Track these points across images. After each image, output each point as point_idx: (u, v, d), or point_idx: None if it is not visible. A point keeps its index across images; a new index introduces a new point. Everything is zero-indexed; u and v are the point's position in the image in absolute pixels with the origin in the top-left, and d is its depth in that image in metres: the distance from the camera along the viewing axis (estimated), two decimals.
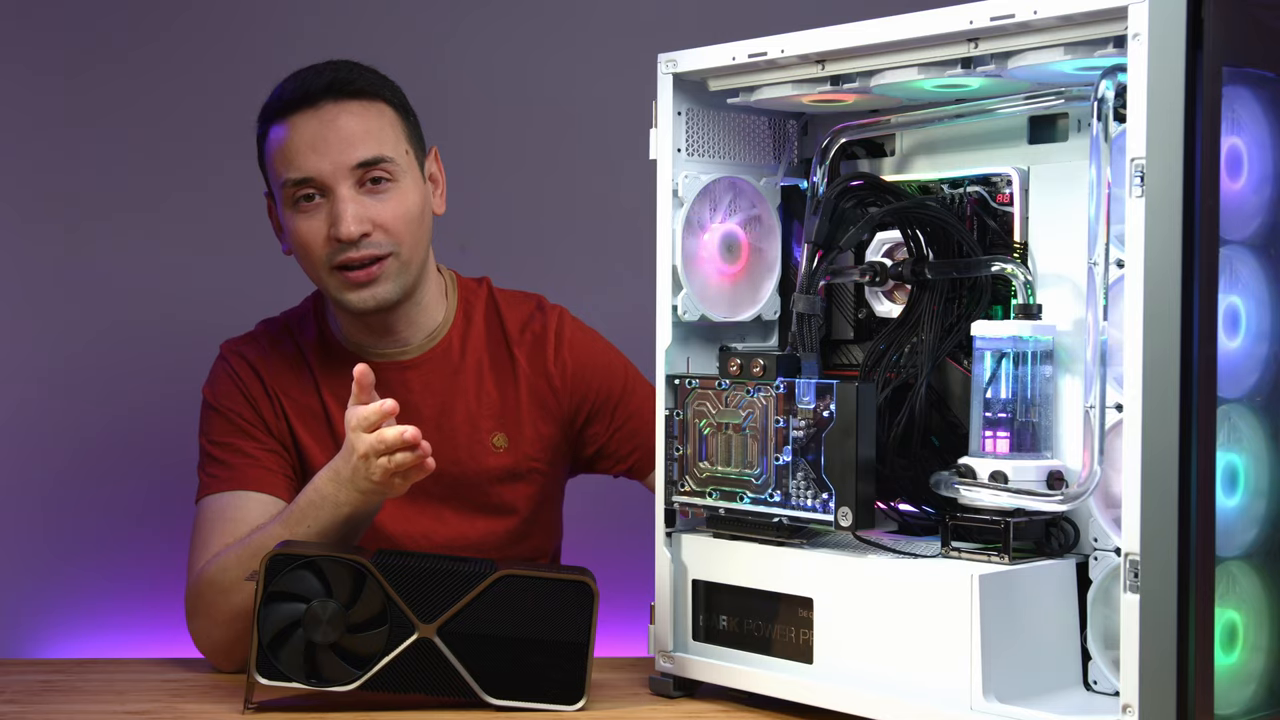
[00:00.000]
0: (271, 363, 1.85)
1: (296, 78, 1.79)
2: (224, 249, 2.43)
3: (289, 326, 1.90)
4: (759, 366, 1.53)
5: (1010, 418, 1.43)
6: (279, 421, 1.83)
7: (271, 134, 1.78)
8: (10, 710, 1.53)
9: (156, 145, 2.44)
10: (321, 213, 1.76)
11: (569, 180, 2.53)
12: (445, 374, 1.87)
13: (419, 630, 1.49)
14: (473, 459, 1.86)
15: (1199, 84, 1.25)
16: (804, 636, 1.48)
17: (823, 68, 1.50)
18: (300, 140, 1.75)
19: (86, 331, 2.42)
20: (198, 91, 2.44)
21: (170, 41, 2.45)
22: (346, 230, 1.73)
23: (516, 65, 2.50)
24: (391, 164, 1.77)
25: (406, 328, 1.86)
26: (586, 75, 2.52)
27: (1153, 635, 1.25)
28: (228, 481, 1.77)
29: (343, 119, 1.76)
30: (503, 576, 1.50)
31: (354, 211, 1.74)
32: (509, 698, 1.50)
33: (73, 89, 2.43)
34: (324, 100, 1.76)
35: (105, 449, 2.39)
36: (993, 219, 1.52)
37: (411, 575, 1.49)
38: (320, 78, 1.77)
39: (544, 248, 2.53)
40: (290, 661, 1.48)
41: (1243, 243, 1.35)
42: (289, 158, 1.76)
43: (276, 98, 1.79)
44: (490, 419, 1.87)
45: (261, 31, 2.45)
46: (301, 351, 1.87)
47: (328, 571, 1.49)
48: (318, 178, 1.75)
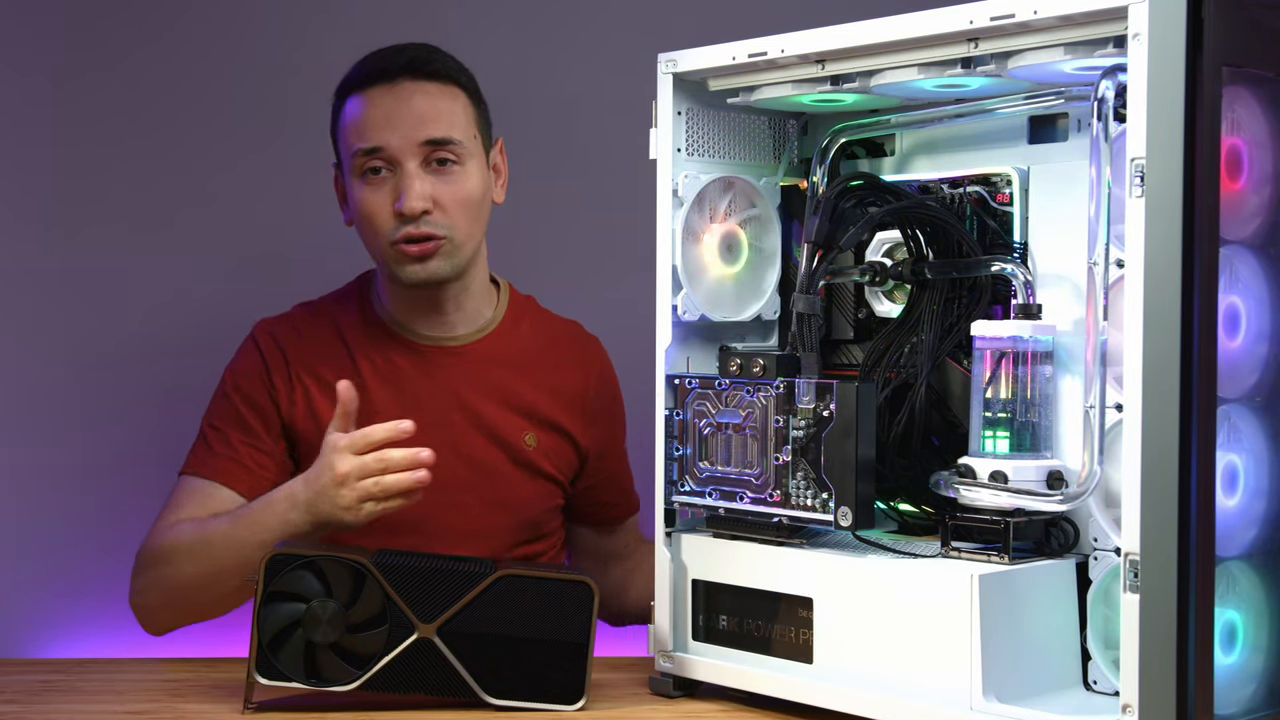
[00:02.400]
0: (303, 342, 1.88)
1: (377, 54, 1.85)
2: (226, 249, 2.42)
3: (328, 308, 1.93)
4: (759, 366, 1.53)
5: (1010, 418, 1.43)
6: (293, 407, 1.85)
7: (347, 106, 1.84)
8: (10, 710, 1.53)
9: (157, 146, 2.44)
10: (387, 186, 1.80)
11: (569, 180, 2.53)
12: (489, 366, 1.90)
13: (419, 630, 1.49)
14: (505, 448, 1.89)
15: (1199, 84, 1.25)
16: (804, 636, 1.48)
17: (823, 68, 1.50)
18: (375, 113, 1.81)
19: (87, 333, 2.42)
20: (197, 94, 2.44)
21: (173, 42, 2.45)
22: (410, 205, 1.78)
23: (516, 65, 2.50)
24: (459, 146, 1.82)
25: (455, 310, 1.90)
26: (586, 75, 2.51)
27: (1153, 635, 1.25)
28: (208, 469, 1.82)
29: (417, 97, 1.81)
30: (502, 576, 1.50)
31: (419, 188, 1.79)
32: (509, 698, 1.50)
33: (72, 89, 2.42)
34: (401, 77, 1.82)
35: (105, 449, 2.39)
36: (993, 219, 1.52)
37: (411, 575, 1.49)
38: (400, 56, 1.83)
39: (544, 247, 2.52)
40: (290, 661, 1.48)
41: (1243, 243, 1.35)
42: (361, 129, 1.81)
43: (356, 72, 1.85)
44: (524, 418, 1.90)
45: (263, 33, 2.45)
46: (339, 330, 1.90)
47: (328, 571, 1.49)
48: (387, 150, 1.79)
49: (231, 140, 2.39)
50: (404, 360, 1.88)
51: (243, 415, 1.84)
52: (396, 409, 1.84)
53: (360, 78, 1.84)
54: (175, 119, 2.43)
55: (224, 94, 2.40)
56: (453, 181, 1.82)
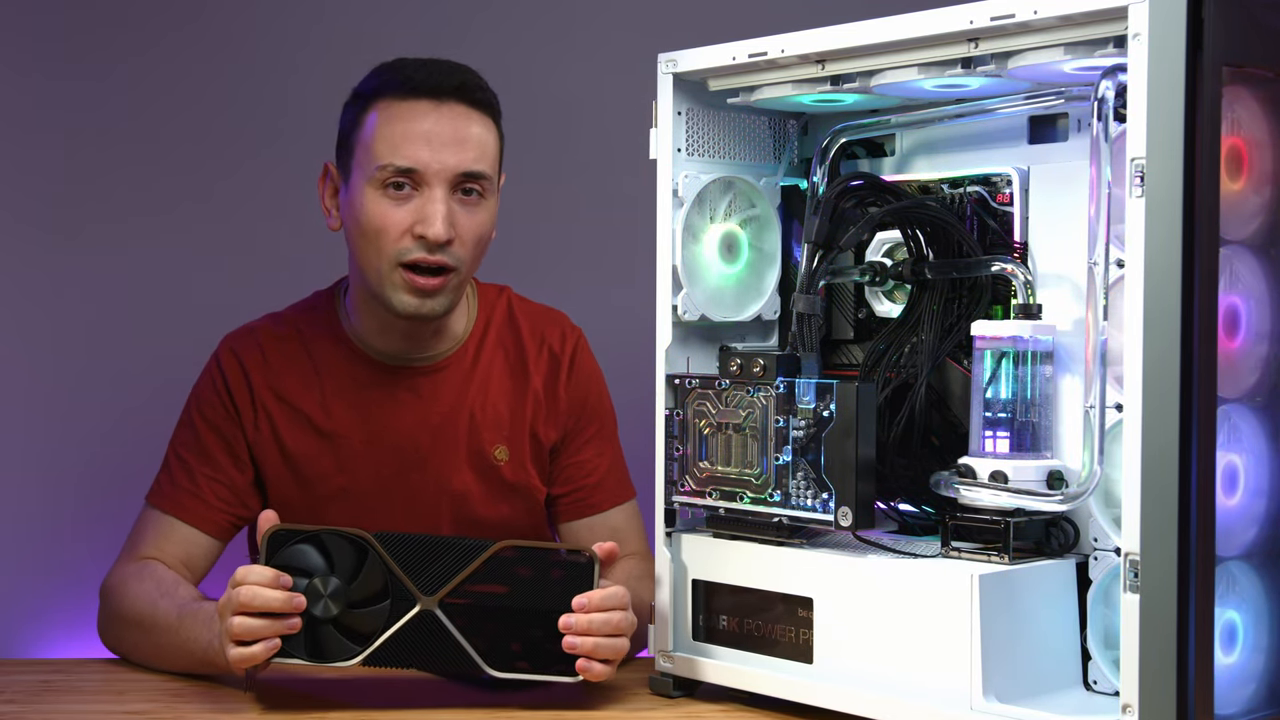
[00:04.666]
0: (268, 363, 1.83)
1: (420, 66, 1.76)
2: (228, 250, 2.43)
3: (295, 321, 1.87)
4: (759, 366, 1.53)
5: (1010, 418, 1.43)
6: (258, 432, 1.81)
7: (378, 113, 1.74)
8: (10, 710, 1.53)
9: (158, 147, 2.44)
10: (410, 204, 1.72)
11: (569, 180, 2.53)
12: (456, 382, 1.86)
13: (420, 603, 1.49)
14: (475, 467, 1.85)
15: (1199, 84, 1.25)
16: (804, 636, 1.48)
17: (823, 68, 1.50)
18: (417, 129, 1.72)
19: (88, 334, 2.42)
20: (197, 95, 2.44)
21: (173, 43, 2.45)
22: (437, 231, 1.71)
23: (516, 65, 2.50)
24: (487, 181, 1.76)
25: (433, 337, 1.84)
26: (586, 75, 2.52)
27: (1153, 635, 1.25)
28: (170, 503, 1.79)
29: (462, 123, 1.74)
30: (504, 549, 1.51)
31: (447, 215, 1.72)
32: (510, 669, 1.50)
33: (73, 90, 2.43)
34: (451, 99, 1.74)
35: (105, 450, 2.39)
36: (993, 219, 1.52)
37: (413, 549, 1.50)
38: (452, 76, 1.75)
39: (544, 247, 2.53)
40: (291, 637, 1.48)
41: (1243, 243, 1.35)
42: (397, 142, 1.72)
43: (393, 80, 1.76)
44: (494, 430, 1.86)
45: (265, 35, 2.45)
46: (306, 347, 1.84)
47: (329, 546, 1.49)
48: (422, 170, 1.72)
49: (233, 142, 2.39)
50: (371, 381, 1.83)
51: (206, 444, 1.80)
52: (362, 432, 1.82)
53: (401, 87, 1.74)
54: (175, 119, 2.43)
55: (224, 95, 2.40)
56: (474, 215, 1.75)
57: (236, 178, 2.40)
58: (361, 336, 1.84)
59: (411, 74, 1.75)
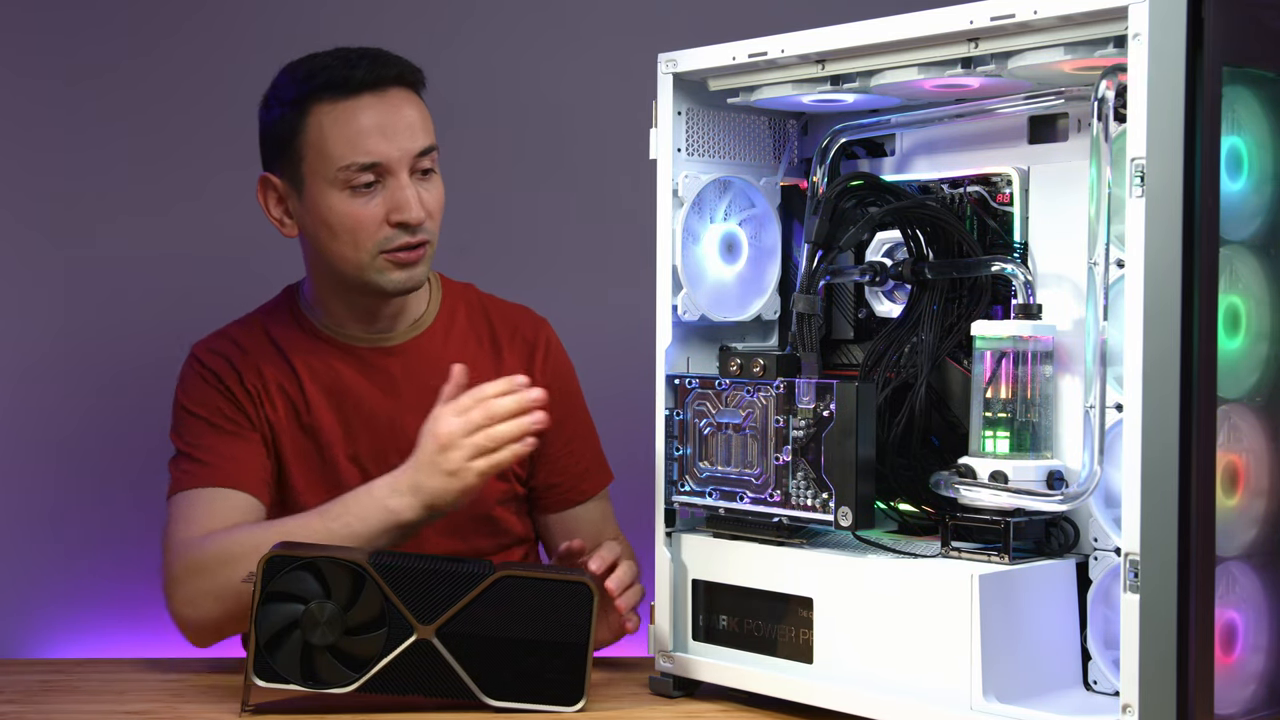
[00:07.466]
0: (244, 353, 1.86)
1: (355, 62, 1.78)
2: (228, 249, 2.43)
3: (258, 320, 1.90)
4: (759, 366, 1.53)
5: (1010, 418, 1.43)
6: (258, 412, 1.83)
7: (326, 112, 1.77)
8: (10, 710, 1.53)
9: (158, 147, 2.44)
10: (378, 197, 1.77)
11: (568, 180, 2.53)
12: (426, 362, 1.88)
13: (417, 631, 1.49)
14: None
15: (1199, 84, 1.25)
16: (804, 636, 1.48)
17: (823, 68, 1.50)
18: (369, 123, 1.76)
19: (87, 333, 2.42)
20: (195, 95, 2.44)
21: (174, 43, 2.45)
22: (416, 215, 1.77)
23: (516, 65, 2.50)
24: (436, 154, 1.82)
25: (399, 313, 1.89)
26: (586, 75, 2.52)
27: (1153, 635, 1.25)
28: (206, 478, 1.76)
29: (406, 108, 1.79)
30: (502, 578, 1.50)
31: (417, 197, 1.78)
32: (508, 699, 1.50)
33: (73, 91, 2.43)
34: (392, 87, 1.79)
35: (106, 449, 2.39)
36: (993, 219, 1.52)
37: (410, 576, 1.49)
38: (388, 67, 1.79)
39: (543, 247, 2.53)
40: (287, 663, 1.48)
41: (1243, 243, 1.35)
42: (355, 141, 1.75)
43: (324, 79, 1.77)
44: None
45: (259, 32, 2.45)
46: (273, 340, 1.87)
47: (326, 572, 1.49)
48: (385, 163, 1.76)
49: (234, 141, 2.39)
50: (342, 364, 1.86)
51: (218, 424, 1.80)
52: (336, 413, 1.84)
53: (343, 86, 1.76)
54: (174, 119, 2.43)
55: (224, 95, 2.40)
56: (434, 188, 1.81)
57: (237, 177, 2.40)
58: (326, 323, 1.88)
59: (349, 72, 1.78)
